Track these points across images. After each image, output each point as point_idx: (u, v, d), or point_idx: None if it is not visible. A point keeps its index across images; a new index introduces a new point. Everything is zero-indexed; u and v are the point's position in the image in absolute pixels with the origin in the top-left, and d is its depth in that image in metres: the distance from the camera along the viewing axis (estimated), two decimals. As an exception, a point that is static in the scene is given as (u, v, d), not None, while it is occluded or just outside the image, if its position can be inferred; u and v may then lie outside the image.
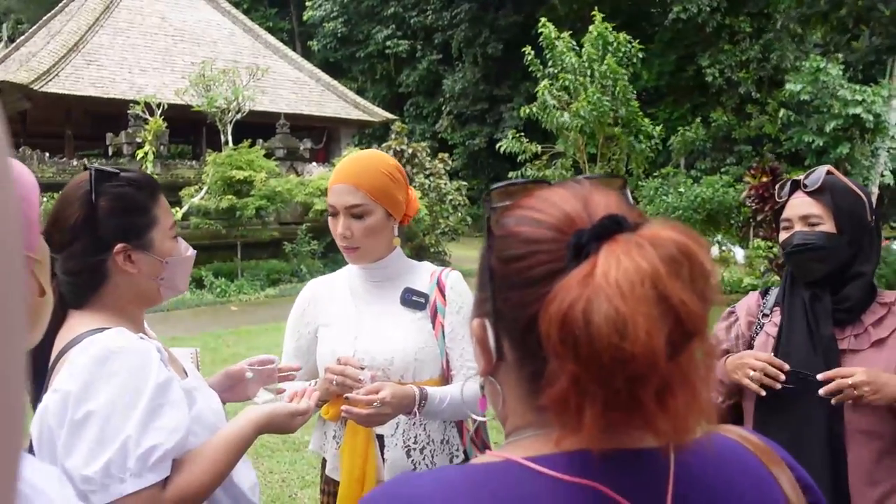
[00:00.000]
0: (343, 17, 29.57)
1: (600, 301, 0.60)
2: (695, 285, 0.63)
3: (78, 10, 19.44)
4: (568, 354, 0.62)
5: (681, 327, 0.61)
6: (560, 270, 0.67)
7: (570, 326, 0.61)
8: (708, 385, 0.66)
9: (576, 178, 0.78)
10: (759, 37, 21.29)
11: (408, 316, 1.88)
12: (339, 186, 1.83)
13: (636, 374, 0.60)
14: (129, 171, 1.52)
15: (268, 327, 9.71)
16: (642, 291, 0.60)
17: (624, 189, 0.81)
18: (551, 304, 0.63)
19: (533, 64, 13.12)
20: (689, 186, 11.43)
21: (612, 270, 0.61)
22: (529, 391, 0.73)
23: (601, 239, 0.65)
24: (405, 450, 1.84)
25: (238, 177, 12.71)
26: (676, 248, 0.63)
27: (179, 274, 1.53)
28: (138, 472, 1.24)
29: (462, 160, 26.58)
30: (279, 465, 4.81)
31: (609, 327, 0.60)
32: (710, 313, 0.65)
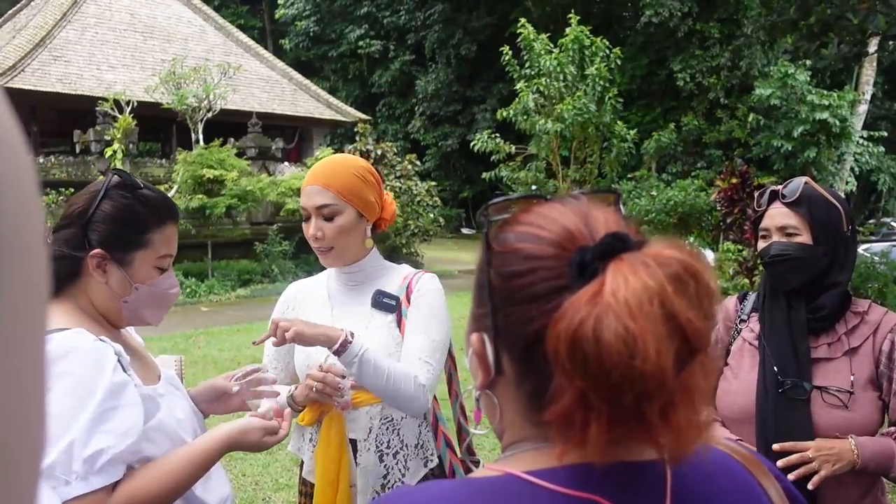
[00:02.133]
0: (315, 15, 29.45)
1: (610, 319, 0.61)
2: (700, 303, 0.64)
3: (44, 5, 19.08)
4: (577, 371, 0.62)
5: (687, 345, 0.62)
6: (563, 287, 0.67)
7: (579, 344, 0.62)
8: (707, 400, 0.67)
9: (572, 192, 0.78)
10: (729, 42, 21.61)
11: (379, 318, 1.89)
12: (309, 188, 1.85)
13: (644, 391, 0.61)
14: (153, 192, 1.50)
15: (239, 328, 9.63)
16: (651, 310, 0.61)
17: (618, 203, 0.82)
18: (560, 322, 0.63)
19: (510, 65, 13.15)
20: (662, 190, 11.55)
21: (620, 289, 0.62)
22: (529, 406, 0.73)
23: (606, 257, 0.66)
24: (378, 454, 1.84)
25: (209, 176, 12.58)
26: (682, 267, 0.64)
27: (149, 305, 1.49)
28: (84, 475, 1.21)
29: (435, 161, 26.61)
30: (252, 468, 4.77)
31: (619, 345, 0.60)
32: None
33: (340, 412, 1.80)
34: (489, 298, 0.74)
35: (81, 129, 14.73)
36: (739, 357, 1.88)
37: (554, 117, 12.28)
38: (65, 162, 14.33)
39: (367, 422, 1.84)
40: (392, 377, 1.74)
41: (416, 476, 1.87)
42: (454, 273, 15.10)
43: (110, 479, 1.25)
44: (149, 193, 1.47)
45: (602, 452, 0.64)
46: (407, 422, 1.87)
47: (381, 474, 1.84)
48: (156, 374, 1.54)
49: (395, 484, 1.85)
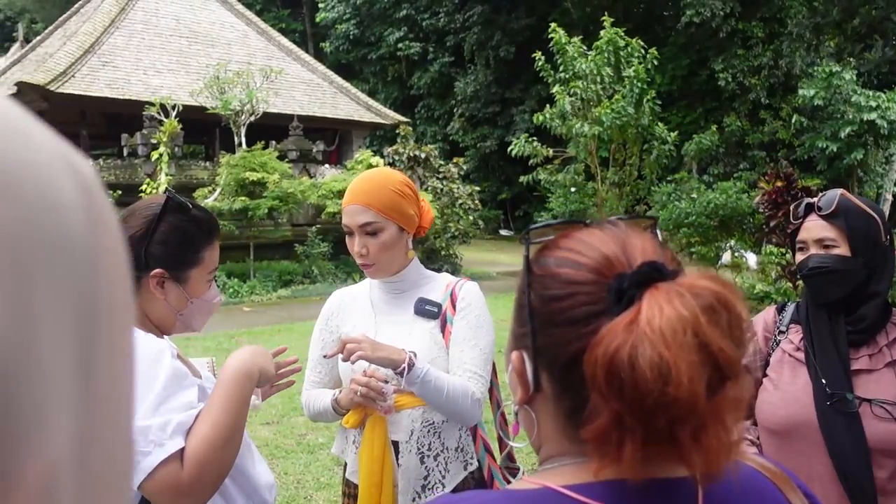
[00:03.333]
0: (355, 18, 29.65)
1: (645, 347, 0.65)
2: (732, 333, 0.67)
3: (93, 12, 19.59)
4: (613, 395, 0.66)
5: (719, 373, 0.66)
6: (601, 312, 0.71)
7: (615, 369, 0.66)
8: (738, 422, 0.71)
9: (610, 219, 0.83)
10: (772, 42, 21.24)
11: (421, 325, 1.95)
12: (351, 207, 1.91)
13: (677, 416, 0.65)
14: (202, 211, 1.60)
15: (280, 328, 9.78)
16: (684, 339, 0.65)
17: (654, 229, 0.86)
18: (597, 347, 0.67)
19: (544, 69, 13.12)
20: (703, 192, 11.40)
21: (655, 318, 0.66)
22: (566, 422, 0.77)
23: (642, 286, 0.70)
24: (419, 456, 1.90)
25: (251, 178, 12.79)
26: (714, 297, 0.67)
27: (199, 316, 1.62)
28: (160, 442, 1.30)
29: (473, 163, 26.59)
30: (294, 466, 4.87)
31: (653, 372, 0.64)
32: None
33: (383, 415, 1.87)
34: (529, 319, 0.79)
35: (129, 132, 15.09)
36: (779, 369, 1.88)
37: (591, 120, 12.21)
38: (113, 165, 14.70)
39: (409, 424, 1.90)
40: (451, 394, 1.81)
41: (455, 479, 1.93)
42: (493, 275, 15.11)
43: (182, 444, 1.34)
44: (199, 214, 1.58)
45: (636, 470, 0.68)
46: (448, 425, 1.92)
47: (421, 476, 1.90)
48: (196, 372, 1.64)
49: (436, 485, 1.90)
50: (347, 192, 1.96)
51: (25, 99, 16.54)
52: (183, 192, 13.90)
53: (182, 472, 1.34)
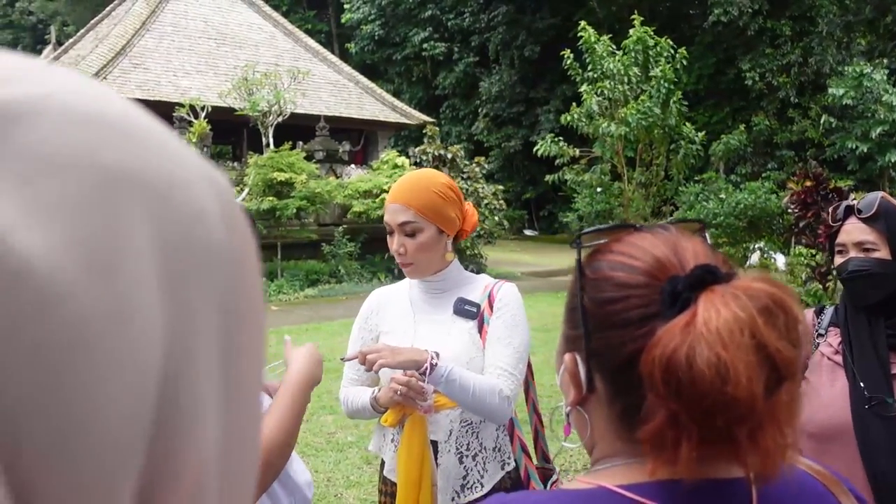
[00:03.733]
0: (380, 19, 29.75)
1: (702, 348, 0.67)
2: (788, 334, 0.69)
3: (125, 15, 19.87)
4: (670, 395, 0.68)
5: (776, 373, 0.68)
6: (654, 314, 0.74)
7: (673, 370, 0.68)
8: (794, 422, 0.73)
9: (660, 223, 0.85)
10: (801, 40, 20.98)
11: (460, 325, 1.97)
12: (392, 206, 1.95)
13: (735, 416, 0.67)
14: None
15: (308, 327, 9.86)
16: (742, 340, 0.67)
17: (703, 233, 0.88)
18: (655, 348, 0.69)
19: (572, 68, 13.06)
20: (731, 192, 11.30)
21: (712, 320, 0.68)
22: (620, 423, 0.79)
23: (696, 288, 0.72)
24: (458, 456, 1.92)
25: (279, 178, 12.92)
26: (770, 299, 0.69)
27: None
28: None
29: (498, 162, 26.57)
30: (324, 464, 4.92)
31: (711, 373, 0.66)
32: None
33: (423, 415, 1.90)
34: (582, 322, 0.81)
35: (159, 133, 15.27)
36: (818, 372, 1.88)
37: (618, 120, 12.15)
38: (143, 165, 14.90)
39: (448, 424, 1.92)
40: (477, 391, 1.82)
41: (494, 478, 1.95)
42: (517, 275, 15.10)
43: None
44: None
45: (691, 470, 0.69)
46: (486, 425, 1.95)
47: (460, 475, 1.92)
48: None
49: (474, 485, 1.92)
50: (391, 190, 2.01)
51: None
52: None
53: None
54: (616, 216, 13.04)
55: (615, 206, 13.06)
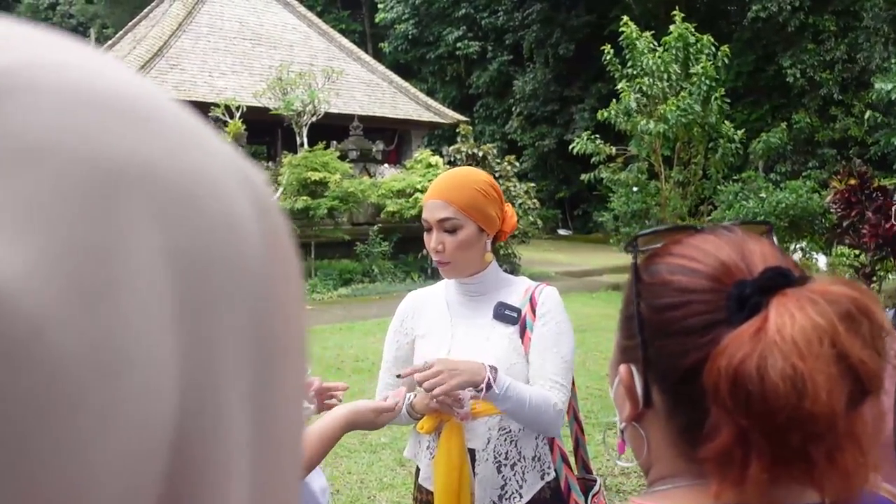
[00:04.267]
0: (414, 18, 29.80)
1: (776, 358, 0.60)
2: (873, 343, 0.62)
3: (161, 16, 20.15)
4: (738, 409, 0.61)
5: (860, 386, 0.61)
6: (720, 321, 0.67)
7: (742, 382, 0.61)
8: (876, 441, 0.65)
9: (725, 224, 0.78)
10: (845, 36, 20.50)
11: (500, 330, 1.90)
12: (431, 202, 1.89)
13: (813, 433, 0.60)
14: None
15: (341, 326, 9.88)
16: (821, 349, 0.60)
17: (770, 234, 0.80)
18: (720, 358, 0.63)
19: (612, 64, 12.88)
20: (771, 192, 11.06)
21: (786, 326, 0.61)
22: (680, 440, 0.72)
23: (768, 292, 0.65)
24: (496, 465, 1.85)
25: (313, 178, 12.97)
26: (853, 304, 0.62)
27: None
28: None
29: (532, 161, 26.46)
30: (357, 465, 4.89)
31: (786, 385, 0.59)
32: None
33: (460, 422, 1.83)
34: (639, 330, 0.74)
35: (195, 133, 15.45)
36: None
37: (657, 118, 11.96)
38: (180, 165, 15.09)
39: (486, 432, 1.86)
40: (532, 405, 1.77)
41: (533, 489, 1.88)
42: (551, 274, 14.98)
43: None
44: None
45: (761, 493, 0.62)
46: (524, 434, 1.88)
47: (498, 485, 1.86)
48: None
49: (513, 495, 1.86)
50: (431, 186, 1.95)
51: (97, 101, 17.11)
52: (247, 191, 14.30)
53: None
54: (653, 216, 12.86)
55: (652, 205, 12.87)
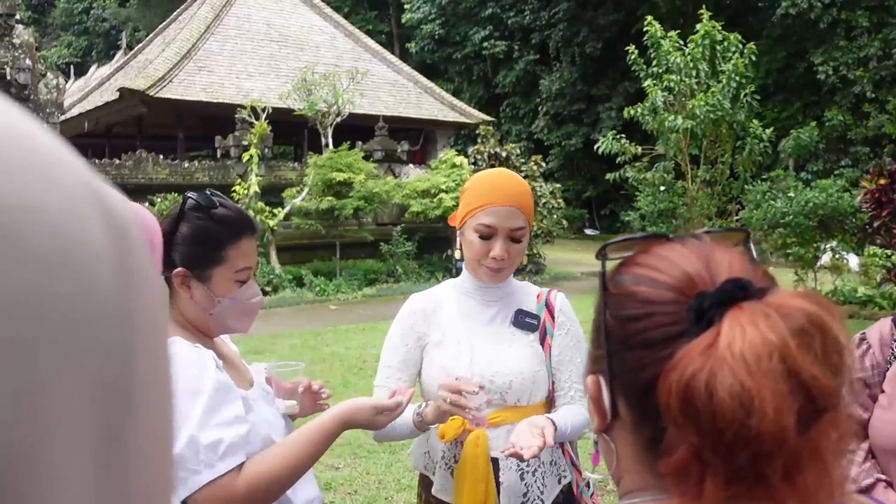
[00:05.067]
0: (441, 18, 29.83)
1: (724, 374, 0.58)
2: (827, 359, 0.60)
3: (190, 19, 20.40)
4: (689, 426, 0.60)
5: (812, 403, 0.59)
6: (680, 334, 0.65)
7: (691, 398, 0.59)
8: (841, 458, 0.63)
9: (695, 232, 0.76)
10: (879, 32, 20.09)
11: (521, 338, 1.87)
12: (503, 209, 1.80)
13: (762, 452, 0.58)
14: (229, 209, 1.60)
15: (365, 326, 9.91)
16: (769, 365, 0.58)
17: (747, 243, 0.78)
18: (671, 373, 0.61)
19: (637, 63, 12.77)
20: (800, 191, 10.86)
21: (736, 341, 0.59)
22: (647, 453, 0.71)
23: (724, 305, 0.63)
24: (519, 473, 1.84)
25: (338, 178, 13.03)
26: (807, 318, 0.60)
27: (233, 316, 1.59)
28: (210, 463, 1.34)
29: (558, 161, 26.35)
30: (376, 466, 4.89)
31: (733, 402, 0.58)
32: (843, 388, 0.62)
33: (474, 428, 1.79)
34: (605, 341, 0.73)
35: (222, 134, 15.62)
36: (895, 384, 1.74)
37: (685, 114, 11.82)
38: (207, 166, 15.24)
39: (508, 442, 1.80)
40: (573, 428, 1.83)
41: (552, 493, 1.87)
42: (577, 275, 14.88)
43: (234, 464, 1.37)
44: (223, 212, 1.57)
45: None
46: None
47: (521, 492, 1.84)
48: (248, 381, 1.65)
49: (535, 501, 1.85)
50: (491, 190, 1.83)
51: (127, 103, 17.37)
52: (272, 192, 14.17)
53: (236, 491, 1.36)
54: (680, 215, 12.71)
55: (679, 204, 12.73)
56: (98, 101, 19.89)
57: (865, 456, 1.71)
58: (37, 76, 12.36)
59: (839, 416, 0.61)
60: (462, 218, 1.87)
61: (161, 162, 14.67)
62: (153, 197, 12.26)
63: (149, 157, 14.53)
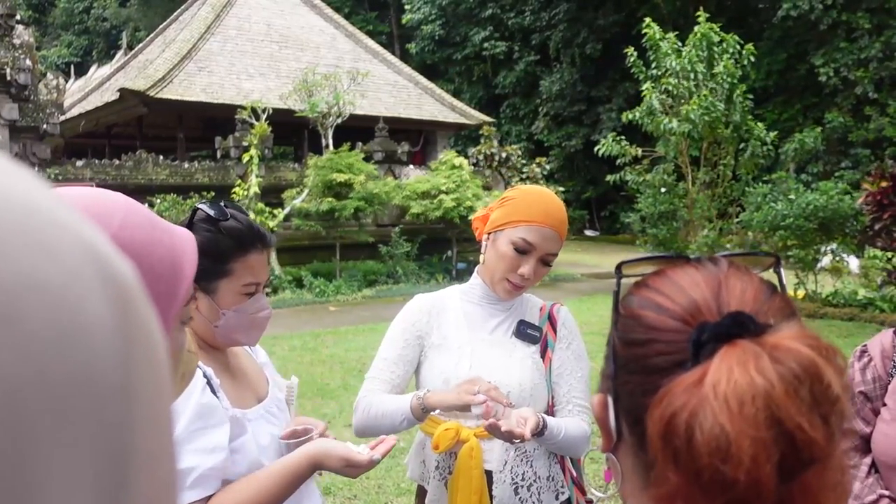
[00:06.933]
0: (441, 19, 29.83)
1: (705, 414, 0.56)
2: (818, 408, 0.57)
3: (191, 20, 20.38)
4: (668, 463, 0.58)
5: (796, 454, 0.56)
6: (680, 364, 0.63)
7: (671, 436, 0.57)
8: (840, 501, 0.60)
9: (716, 255, 0.73)
10: (880, 34, 20.07)
11: (522, 349, 1.87)
12: (547, 230, 1.80)
13: (738, 499, 0.55)
14: (239, 221, 1.57)
15: (364, 328, 9.90)
16: (752, 411, 0.55)
17: (777, 267, 0.76)
18: (656, 408, 0.59)
19: (636, 66, 12.76)
20: (801, 193, 10.85)
21: (722, 382, 0.57)
22: (645, 480, 0.69)
23: (720, 340, 0.60)
24: (513, 486, 1.82)
25: (338, 180, 13.02)
26: (798, 364, 0.57)
27: (240, 328, 1.57)
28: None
29: (558, 162, 26.34)
30: (375, 470, 4.85)
31: (710, 446, 0.55)
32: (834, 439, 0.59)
33: (479, 444, 1.78)
34: (612, 362, 0.72)
35: (222, 135, 15.60)
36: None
37: (681, 117, 11.81)
38: (207, 167, 15.22)
39: (503, 454, 1.82)
40: (572, 438, 1.78)
41: None
42: (577, 276, 14.87)
43: (203, 494, 1.35)
44: (232, 224, 1.55)
45: None
46: (539, 453, 1.85)
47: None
48: (256, 397, 1.61)
49: None
50: (540, 209, 1.81)
51: (127, 104, 17.35)
52: (272, 193, 14.15)
53: None
54: (680, 217, 12.69)
55: (679, 206, 12.71)
56: (98, 102, 19.87)
57: (868, 471, 1.68)
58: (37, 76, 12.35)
59: (833, 464, 0.59)
60: (499, 225, 1.83)
61: (161, 162, 14.65)
62: (153, 198, 12.25)
63: (149, 157, 14.51)
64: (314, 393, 6.51)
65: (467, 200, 13.49)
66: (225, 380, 1.53)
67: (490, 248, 1.86)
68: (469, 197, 13.58)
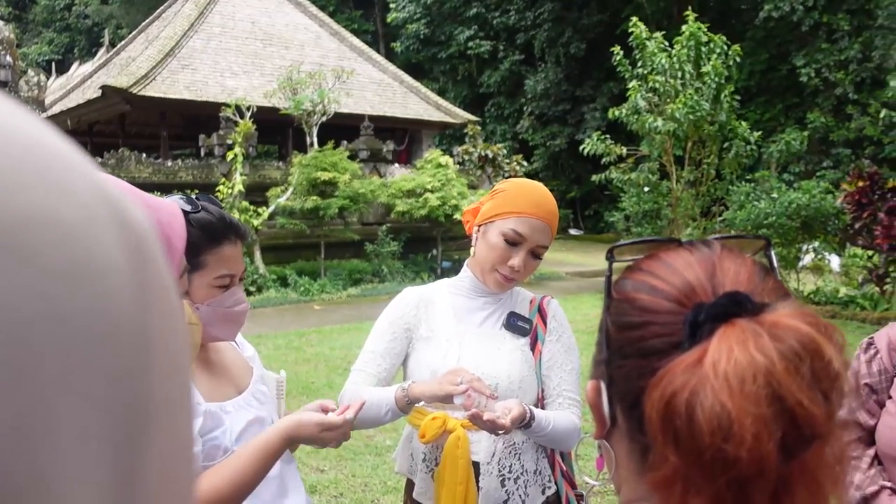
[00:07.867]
0: (426, 18, 29.78)
1: (706, 394, 0.56)
2: (818, 384, 0.57)
3: (174, 17, 20.23)
4: (668, 444, 0.58)
5: (797, 430, 0.56)
6: (677, 345, 0.63)
7: (671, 417, 0.58)
8: (839, 483, 0.61)
9: (708, 238, 0.74)
10: (860, 35, 20.29)
11: (511, 341, 1.86)
12: (538, 223, 1.80)
13: (741, 477, 0.56)
14: (210, 213, 1.54)
15: (350, 327, 9.87)
16: (753, 389, 0.56)
17: (768, 250, 0.76)
18: (655, 389, 0.60)
19: (622, 64, 12.80)
20: (783, 192, 10.94)
21: (721, 361, 0.57)
22: (641, 465, 0.69)
23: (718, 320, 0.61)
24: (500, 479, 1.81)
25: (323, 178, 12.96)
26: (798, 341, 0.58)
27: (215, 323, 1.53)
28: None
29: (543, 161, 26.39)
30: (361, 468, 4.87)
31: (712, 425, 0.55)
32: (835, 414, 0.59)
33: (465, 435, 1.77)
34: (605, 347, 0.72)
35: (206, 133, 15.49)
36: None
37: (666, 116, 11.87)
38: (190, 165, 15.09)
39: (491, 446, 1.81)
40: (561, 430, 1.78)
41: (535, 503, 1.84)
42: (562, 275, 14.92)
43: None
44: (203, 216, 1.51)
45: None
46: (527, 447, 1.85)
47: (501, 499, 1.81)
48: (236, 388, 1.59)
49: None
50: (530, 201, 1.81)
51: (109, 102, 17.19)
52: (256, 191, 14.06)
53: None
54: (664, 216, 12.76)
55: (663, 205, 12.78)
56: (80, 99, 19.67)
57: (871, 462, 1.70)
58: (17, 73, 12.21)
59: (833, 442, 0.59)
60: (490, 217, 1.83)
61: (144, 161, 14.52)
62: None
63: (132, 155, 14.37)
64: (299, 391, 6.48)
65: (452, 199, 13.48)
66: (202, 374, 1.51)
67: (480, 240, 1.85)
68: (454, 196, 13.58)
